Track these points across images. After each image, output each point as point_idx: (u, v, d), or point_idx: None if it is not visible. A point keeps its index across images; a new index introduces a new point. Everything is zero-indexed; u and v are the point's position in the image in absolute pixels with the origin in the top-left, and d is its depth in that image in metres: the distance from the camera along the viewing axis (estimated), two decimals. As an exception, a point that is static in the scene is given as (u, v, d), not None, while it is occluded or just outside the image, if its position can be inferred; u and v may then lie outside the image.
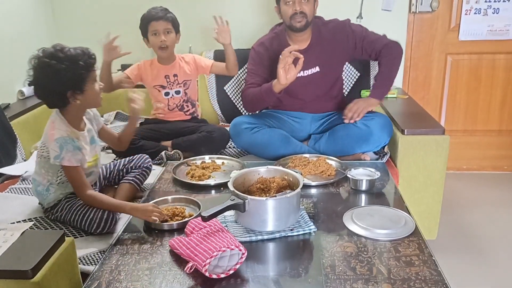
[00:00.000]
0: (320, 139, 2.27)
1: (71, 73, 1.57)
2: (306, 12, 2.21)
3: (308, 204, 1.72)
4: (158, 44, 2.42)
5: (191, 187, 1.93)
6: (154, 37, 2.41)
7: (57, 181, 1.70)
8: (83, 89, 1.62)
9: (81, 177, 1.64)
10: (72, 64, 1.57)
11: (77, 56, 1.58)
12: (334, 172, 2.00)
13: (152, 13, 2.40)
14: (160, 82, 2.53)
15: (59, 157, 1.60)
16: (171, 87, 2.53)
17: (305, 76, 2.32)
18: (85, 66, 1.60)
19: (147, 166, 2.00)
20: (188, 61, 2.58)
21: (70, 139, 1.62)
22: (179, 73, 2.54)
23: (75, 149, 1.63)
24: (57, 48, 1.59)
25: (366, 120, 2.21)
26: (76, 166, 1.63)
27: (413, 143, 2.21)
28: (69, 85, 1.59)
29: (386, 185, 1.89)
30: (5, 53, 2.64)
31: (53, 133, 1.62)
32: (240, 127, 2.30)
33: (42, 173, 1.71)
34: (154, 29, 2.40)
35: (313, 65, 2.31)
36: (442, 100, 3.23)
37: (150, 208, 1.56)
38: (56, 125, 1.64)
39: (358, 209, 1.65)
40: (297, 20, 2.23)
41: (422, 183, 2.25)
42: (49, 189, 1.71)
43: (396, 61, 2.31)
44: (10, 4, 2.73)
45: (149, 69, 2.53)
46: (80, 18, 3.18)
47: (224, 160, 2.19)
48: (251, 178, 1.70)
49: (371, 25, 2.95)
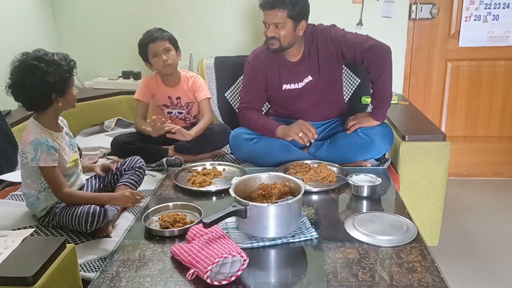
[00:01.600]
0: (321, 147, 2.27)
1: (58, 75, 1.63)
2: (279, 37, 2.16)
3: (310, 210, 1.72)
4: (161, 64, 2.38)
5: (192, 194, 1.92)
6: (155, 59, 2.38)
7: (42, 187, 1.72)
8: (65, 91, 1.68)
9: (57, 177, 1.67)
10: (58, 68, 1.63)
11: (61, 60, 1.66)
12: (335, 178, 2.00)
13: (148, 36, 2.37)
14: (163, 102, 2.52)
15: (35, 159, 1.63)
16: (174, 108, 2.53)
17: (299, 88, 2.32)
18: (68, 70, 1.68)
19: (139, 166, 2.00)
20: (191, 88, 2.52)
21: (43, 140, 1.65)
22: (182, 96, 2.51)
23: (49, 149, 1.65)
24: (41, 52, 1.66)
25: (367, 129, 2.21)
26: (53, 167, 1.65)
27: (414, 149, 2.21)
28: (55, 87, 1.64)
29: (387, 191, 1.89)
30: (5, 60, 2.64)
31: (28, 137, 1.66)
32: (239, 138, 2.29)
33: (28, 183, 1.73)
34: (154, 51, 2.36)
35: (305, 75, 2.30)
36: (442, 106, 3.24)
37: (127, 193, 1.65)
38: (30, 129, 1.69)
39: (359, 215, 1.65)
40: (270, 43, 2.21)
41: (423, 189, 2.25)
42: (39, 198, 1.73)
43: (384, 68, 2.14)
44: (11, 12, 2.74)
45: (156, 87, 2.50)
46: (81, 25, 3.20)
47: (225, 167, 2.19)
48: (252, 184, 1.70)
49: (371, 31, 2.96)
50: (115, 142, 2.39)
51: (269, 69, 2.30)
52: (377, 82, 2.18)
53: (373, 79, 2.19)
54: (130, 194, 1.67)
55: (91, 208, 1.62)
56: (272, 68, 2.30)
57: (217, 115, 2.95)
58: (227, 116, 2.97)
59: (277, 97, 2.38)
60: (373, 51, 2.15)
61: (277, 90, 2.33)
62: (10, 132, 2.31)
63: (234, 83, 2.96)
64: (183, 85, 2.50)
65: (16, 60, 1.65)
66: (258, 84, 2.34)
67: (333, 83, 2.37)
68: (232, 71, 2.96)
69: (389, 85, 2.20)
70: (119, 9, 3.13)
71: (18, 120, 2.46)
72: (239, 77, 2.95)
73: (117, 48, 3.21)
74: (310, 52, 2.27)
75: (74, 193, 1.71)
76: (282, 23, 2.14)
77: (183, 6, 3.08)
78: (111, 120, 3.02)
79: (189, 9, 3.08)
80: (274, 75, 2.31)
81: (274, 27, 2.15)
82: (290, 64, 2.29)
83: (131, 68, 3.17)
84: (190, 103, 2.52)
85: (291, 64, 2.29)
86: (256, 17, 3.06)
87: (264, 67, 2.32)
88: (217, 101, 2.97)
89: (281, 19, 2.13)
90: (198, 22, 3.10)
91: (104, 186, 1.96)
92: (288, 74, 2.29)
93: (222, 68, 2.99)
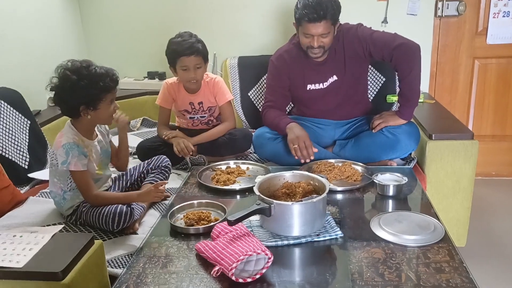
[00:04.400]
0: (346, 146, 2.25)
1: (86, 91, 1.65)
2: (323, 45, 2.14)
3: (334, 209, 1.71)
4: (188, 79, 2.32)
5: (216, 192, 1.93)
6: (183, 72, 2.29)
7: (68, 187, 1.76)
8: (96, 107, 1.69)
9: (86, 181, 1.71)
10: (90, 83, 1.64)
11: (99, 76, 1.66)
12: (360, 177, 1.98)
13: (182, 47, 2.23)
14: (184, 107, 2.48)
15: (66, 162, 1.67)
16: (196, 113, 2.49)
17: (324, 88, 2.29)
18: (103, 88, 1.68)
19: (165, 165, 2.04)
20: (212, 91, 2.44)
21: (75, 145, 1.68)
22: (204, 101, 2.45)
23: (80, 154, 1.69)
24: (83, 64, 1.67)
25: (393, 128, 2.18)
26: (82, 171, 1.69)
27: (441, 148, 2.17)
28: (83, 101, 1.67)
29: (413, 191, 1.86)
30: (36, 61, 2.72)
31: (61, 140, 1.70)
32: (263, 138, 2.29)
33: (55, 182, 1.77)
34: (184, 65, 2.27)
35: (330, 75, 2.27)
36: (469, 105, 3.17)
37: (153, 188, 1.69)
38: (64, 133, 1.72)
39: (385, 214, 1.63)
40: (313, 52, 2.16)
41: (451, 189, 2.20)
42: (65, 197, 1.77)
43: (412, 66, 2.10)
44: (40, 14, 2.80)
45: (177, 93, 2.45)
46: (108, 26, 3.25)
47: (249, 165, 2.20)
48: (276, 183, 1.70)
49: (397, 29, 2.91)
50: (140, 148, 2.38)
51: (293, 69, 2.29)
52: (405, 80, 2.14)
53: (402, 78, 2.16)
54: (155, 188, 1.69)
55: (118, 207, 1.64)
56: (296, 68, 2.28)
57: (241, 114, 2.96)
58: (251, 116, 2.98)
59: (301, 97, 2.37)
60: (402, 49, 2.11)
61: (301, 90, 2.32)
62: (40, 131, 2.37)
63: (257, 83, 2.96)
64: (204, 90, 2.44)
65: (60, 65, 1.69)
66: (282, 83, 2.33)
67: (358, 82, 2.34)
68: (256, 71, 2.96)
69: (418, 84, 2.15)
70: (144, 10, 3.17)
71: (47, 120, 2.52)
72: (262, 76, 2.95)
73: (142, 49, 3.25)
74: (336, 51, 2.25)
75: (102, 194, 1.76)
76: (328, 32, 2.11)
77: (206, 6, 3.10)
78: (137, 120, 3.06)
79: (212, 9, 3.10)
80: (298, 75, 2.29)
81: (319, 37, 2.11)
82: (315, 63, 2.27)
83: (156, 68, 3.21)
84: (212, 107, 2.48)
85: (316, 63, 2.27)
86: (278, 17, 3.06)
87: (288, 67, 2.30)
88: (240, 101, 2.98)
89: (327, 29, 2.09)
90: (222, 22, 3.11)
91: (130, 185, 1.99)
92: (313, 74, 2.28)
93: (245, 68, 2.99)
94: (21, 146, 2.18)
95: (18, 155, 2.15)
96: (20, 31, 2.62)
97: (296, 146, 2.07)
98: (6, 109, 2.19)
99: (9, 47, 2.53)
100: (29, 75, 2.65)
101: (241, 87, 2.99)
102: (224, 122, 2.44)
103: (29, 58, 2.68)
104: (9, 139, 2.13)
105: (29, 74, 2.66)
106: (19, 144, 2.18)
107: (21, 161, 2.15)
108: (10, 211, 1.82)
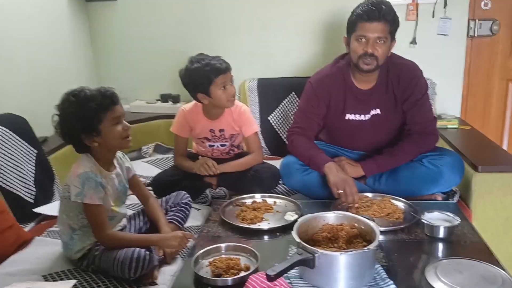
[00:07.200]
0: (380, 178, 2.05)
1: (77, 117, 1.51)
2: (378, 55, 1.92)
3: (379, 254, 1.51)
4: (229, 97, 2.10)
5: (243, 232, 1.75)
6: (223, 91, 2.08)
7: (78, 225, 1.57)
8: (98, 130, 1.52)
9: (102, 217, 1.54)
10: (79, 108, 1.51)
11: (89, 98, 1.51)
12: (402, 215, 1.79)
13: (217, 66, 2.05)
14: (204, 135, 2.26)
15: (81, 194, 1.50)
16: (216, 141, 2.27)
17: (364, 120, 2.09)
18: (97, 108, 1.51)
19: (185, 202, 1.85)
20: (237, 120, 2.22)
21: (93, 174, 1.53)
22: (226, 128, 2.22)
23: (97, 185, 1.52)
24: (71, 93, 1.54)
25: (434, 159, 1.98)
26: (98, 205, 1.52)
27: (489, 181, 1.97)
28: (79, 128, 1.52)
29: (465, 231, 1.66)
30: (43, 84, 2.56)
31: (77, 170, 1.54)
32: (292, 167, 2.08)
33: (64, 219, 1.59)
34: (223, 82, 2.07)
35: (374, 107, 2.07)
36: (503, 130, 2.98)
37: (180, 234, 1.54)
38: (81, 161, 1.57)
39: (441, 262, 1.43)
40: (366, 62, 1.94)
41: (500, 226, 2.00)
42: (73, 237, 1.57)
43: (416, 153, 2.03)
44: (49, 36, 2.66)
45: (195, 120, 2.23)
46: (118, 47, 3.09)
47: (276, 199, 2.00)
48: (315, 225, 1.51)
49: (427, 50, 2.79)
50: (156, 183, 2.16)
51: (334, 95, 2.08)
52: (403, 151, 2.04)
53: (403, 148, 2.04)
54: (183, 236, 1.51)
55: (135, 252, 1.45)
56: (337, 95, 2.07)
57: (260, 140, 2.77)
58: (271, 141, 2.81)
59: (336, 126, 2.15)
60: (422, 139, 2.04)
61: (339, 119, 2.10)
62: (47, 161, 2.19)
63: (278, 106, 2.80)
64: (227, 117, 2.22)
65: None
66: (318, 110, 2.11)
67: (400, 123, 2.12)
68: (276, 94, 2.82)
69: (405, 160, 2.03)
70: (157, 31, 3.02)
71: (54, 148, 2.33)
72: (283, 100, 2.80)
73: (155, 70, 3.09)
74: (386, 82, 2.04)
75: (117, 235, 1.57)
76: (385, 38, 1.92)
77: (224, 27, 2.94)
78: (149, 146, 2.87)
79: (230, 30, 2.94)
80: (338, 102, 2.08)
81: (374, 42, 1.92)
82: (359, 92, 2.06)
83: (170, 91, 3.04)
84: (234, 135, 2.26)
85: (361, 92, 2.06)
86: (300, 38, 2.90)
87: (329, 93, 2.08)
88: (260, 126, 2.79)
89: (384, 33, 1.91)
90: (240, 43, 2.95)
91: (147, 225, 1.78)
92: (355, 103, 2.06)
93: (265, 91, 2.84)
94: (27, 178, 2.00)
95: (24, 188, 1.96)
96: (27, 53, 2.46)
97: (342, 192, 1.85)
98: (11, 137, 2.01)
99: (16, 70, 2.37)
100: (36, 99, 2.48)
101: (260, 111, 2.83)
102: (252, 154, 2.23)
103: (36, 81, 2.51)
104: (14, 171, 1.95)
105: (36, 98, 2.49)
106: (25, 176, 1.99)
107: (26, 195, 1.97)
108: (13, 254, 1.62)
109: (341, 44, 2.13)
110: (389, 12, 1.91)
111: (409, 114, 2.06)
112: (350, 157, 2.16)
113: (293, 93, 2.78)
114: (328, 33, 2.86)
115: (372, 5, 1.91)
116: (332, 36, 2.83)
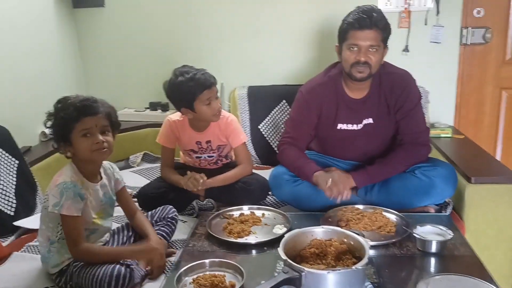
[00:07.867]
0: (372, 189, 2.00)
1: (52, 125, 1.53)
2: (371, 62, 1.89)
3: (369, 270, 1.46)
4: (216, 111, 2.05)
5: (229, 246, 1.69)
6: (207, 106, 2.02)
7: (57, 237, 1.51)
8: (69, 141, 1.51)
9: (78, 229, 1.49)
10: (53, 116, 1.52)
11: (63, 107, 1.50)
12: (394, 228, 1.74)
13: (201, 81, 1.98)
14: (190, 147, 2.21)
15: (59, 204, 1.45)
16: (203, 152, 2.22)
17: (356, 130, 2.04)
18: (65, 118, 1.49)
19: (171, 216, 1.79)
20: (224, 130, 2.16)
21: (72, 184, 1.48)
22: (213, 139, 2.17)
23: (75, 196, 1.47)
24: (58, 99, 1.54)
25: (427, 170, 1.93)
26: (75, 216, 1.47)
27: (481, 193, 1.92)
28: (56, 137, 1.54)
29: (457, 245, 1.61)
30: (27, 93, 2.49)
31: (58, 179, 1.50)
32: (281, 178, 2.03)
33: (43, 230, 1.54)
34: (208, 97, 2.01)
35: (366, 116, 2.03)
36: (496, 139, 2.94)
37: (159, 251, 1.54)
38: (64, 171, 1.54)
39: (433, 279, 1.38)
40: (359, 70, 1.90)
41: (493, 238, 1.95)
42: (50, 250, 1.52)
43: (408, 164, 1.98)
44: (36, 44, 2.60)
45: (181, 132, 2.18)
46: (107, 55, 3.04)
47: (264, 211, 1.95)
48: (303, 240, 1.46)
49: (419, 59, 2.76)
50: (141, 196, 2.08)
51: (325, 104, 2.03)
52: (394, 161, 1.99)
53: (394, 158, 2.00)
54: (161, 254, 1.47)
55: (115, 269, 1.39)
56: (328, 104, 2.02)
57: (250, 149, 2.72)
58: (261, 150, 2.76)
59: (328, 136, 2.11)
60: (414, 150, 2.00)
61: (330, 128, 2.05)
62: (29, 172, 2.12)
63: (268, 115, 2.76)
64: (213, 128, 2.15)
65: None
66: (308, 120, 2.07)
67: (392, 131, 2.08)
68: (267, 102, 2.77)
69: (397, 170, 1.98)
70: (146, 37, 2.97)
71: (37, 158, 2.26)
72: (274, 108, 2.76)
73: (144, 78, 3.04)
74: (378, 91, 2.01)
75: (93, 248, 1.51)
76: (377, 46, 1.88)
77: (214, 34, 2.90)
78: (137, 155, 2.81)
79: (221, 37, 2.89)
80: (330, 111, 2.03)
81: (367, 51, 1.89)
82: (352, 101, 2.02)
83: (159, 99, 2.98)
84: (222, 146, 2.21)
85: (353, 101, 2.01)
86: (291, 45, 2.86)
87: (320, 103, 2.03)
88: (250, 134, 2.75)
89: (377, 41, 1.88)
90: (229, 50, 2.90)
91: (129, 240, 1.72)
92: (347, 113, 2.02)
93: (255, 99, 2.79)
94: (7, 190, 1.93)
95: (3, 200, 1.90)
96: (11, 61, 2.39)
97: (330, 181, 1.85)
98: (-9, 148, 1.96)
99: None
100: (19, 108, 2.42)
101: (251, 119, 2.78)
102: (240, 165, 2.18)
103: (20, 90, 2.44)
104: (-6, 182, 1.89)
105: (20, 107, 2.43)
106: (5, 188, 1.93)
107: (6, 207, 1.90)
108: (-11, 271, 1.56)
109: (333, 52, 2.08)
110: (380, 20, 1.88)
111: (401, 124, 2.02)
112: (342, 167, 2.11)
113: (284, 101, 2.73)
114: (319, 40, 2.82)
115: (363, 13, 1.87)
116: (323, 43, 2.80)
